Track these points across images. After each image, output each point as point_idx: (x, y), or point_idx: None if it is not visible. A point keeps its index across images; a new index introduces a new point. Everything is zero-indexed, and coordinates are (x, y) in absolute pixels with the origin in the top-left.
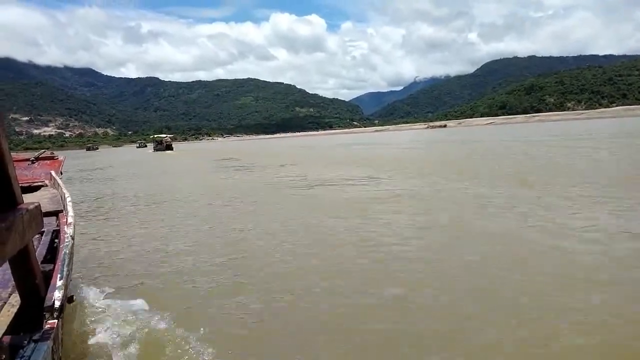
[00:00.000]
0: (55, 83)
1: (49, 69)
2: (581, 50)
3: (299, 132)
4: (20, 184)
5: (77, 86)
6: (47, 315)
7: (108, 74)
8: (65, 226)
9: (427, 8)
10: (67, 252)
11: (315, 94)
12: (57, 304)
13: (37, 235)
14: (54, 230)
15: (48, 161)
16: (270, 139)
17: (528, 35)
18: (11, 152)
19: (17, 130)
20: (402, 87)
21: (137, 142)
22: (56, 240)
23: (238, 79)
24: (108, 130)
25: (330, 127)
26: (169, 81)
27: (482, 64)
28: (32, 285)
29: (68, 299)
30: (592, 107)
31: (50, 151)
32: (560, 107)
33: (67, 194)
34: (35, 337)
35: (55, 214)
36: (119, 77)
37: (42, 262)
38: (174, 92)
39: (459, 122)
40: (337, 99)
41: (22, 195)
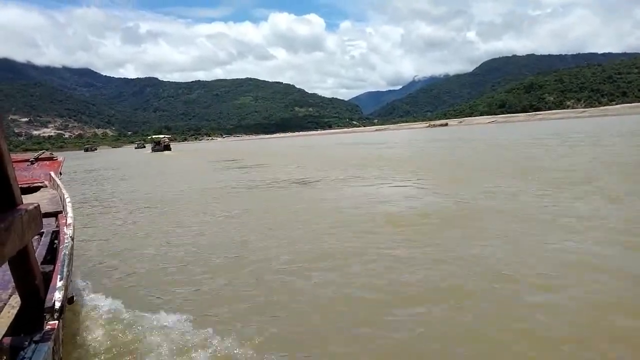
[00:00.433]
0: (54, 84)
1: (48, 70)
2: (580, 49)
3: (299, 131)
4: (19, 185)
5: (76, 87)
6: (48, 316)
7: (107, 75)
8: (65, 227)
9: (425, 7)
10: (67, 252)
11: (314, 93)
12: (57, 305)
13: (36, 236)
14: (53, 231)
15: (47, 162)
16: (270, 139)
17: (527, 33)
18: (10, 153)
19: (17, 131)
20: (401, 87)
21: (135, 142)
22: (56, 241)
23: (237, 79)
24: (107, 130)
25: (330, 126)
26: (168, 81)
27: (481, 63)
28: (32, 286)
29: (68, 300)
30: (592, 105)
31: (50, 152)
32: (559, 105)
33: (66, 195)
34: (36, 338)
35: (54, 214)
36: (118, 78)
37: (41, 263)
38: (173, 92)
39: (459, 121)
40: (336, 98)
41: (22, 196)
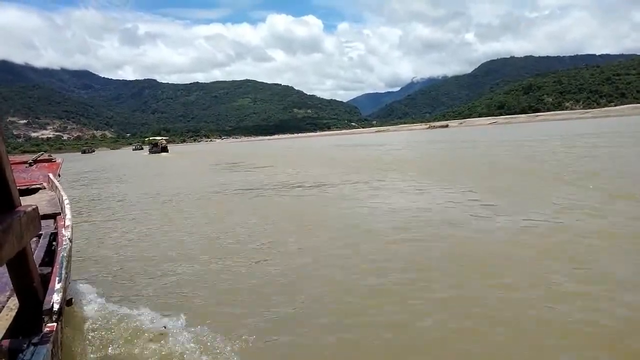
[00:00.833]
0: (52, 85)
1: (46, 72)
2: (578, 50)
3: (298, 133)
4: (17, 187)
5: (75, 88)
6: (46, 319)
7: (105, 76)
8: (63, 229)
9: (423, 9)
10: (65, 255)
11: (312, 95)
12: (55, 307)
13: (34, 238)
14: (51, 233)
15: (46, 164)
16: (269, 140)
17: (524, 35)
18: (9, 155)
19: (15, 133)
20: (399, 88)
21: (133, 144)
22: (54, 243)
23: (235, 81)
24: (106, 132)
25: (329, 128)
26: (167, 83)
27: (479, 64)
28: (31, 288)
29: (67, 302)
30: (591, 107)
31: (48, 154)
32: (558, 106)
33: (65, 197)
34: (35, 340)
35: (53, 216)
36: (116, 80)
37: (40, 265)
38: (171, 94)
39: (460, 122)
40: (334, 100)
41: (20, 197)
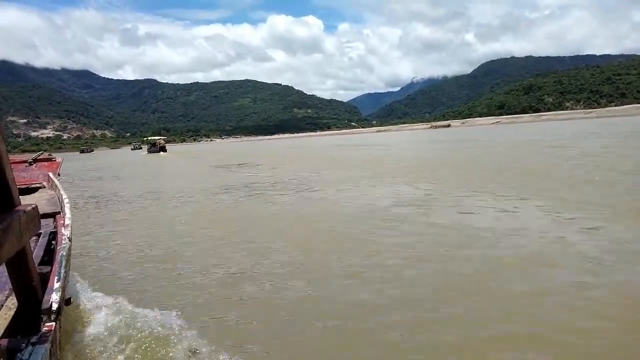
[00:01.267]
0: (52, 85)
1: (46, 72)
2: (578, 50)
3: (298, 133)
4: (17, 186)
5: (75, 88)
6: (45, 318)
7: (105, 76)
8: (63, 228)
9: (423, 9)
10: (65, 254)
11: (312, 95)
12: (54, 307)
13: (34, 237)
14: (51, 232)
15: (46, 163)
16: (269, 140)
17: (524, 35)
18: (9, 154)
19: (15, 132)
20: (399, 88)
21: (132, 144)
22: (53, 242)
23: (236, 81)
24: (106, 132)
25: (328, 128)
26: (167, 83)
27: (479, 65)
28: (30, 287)
29: (65, 302)
30: (591, 107)
31: (48, 153)
32: (559, 106)
33: (64, 196)
34: (33, 340)
35: (52, 215)
36: (116, 79)
37: (39, 264)
38: (171, 93)
39: (462, 122)
40: (334, 99)
41: (20, 196)
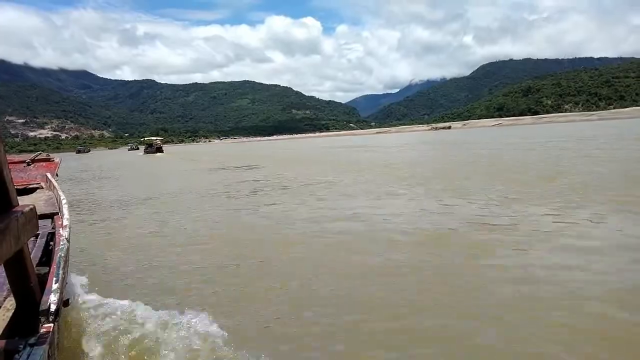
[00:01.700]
0: (50, 85)
1: (45, 72)
2: (576, 53)
3: (297, 134)
4: (15, 186)
5: (73, 88)
6: (43, 319)
7: (103, 76)
8: (61, 229)
9: (421, 11)
10: (63, 255)
11: (311, 96)
12: (52, 308)
13: (32, 238)
14: (49, 232)
15: (44, 163)
16: (268, 141)
17: (523, 38)
18: (6, 154)
19: (13, 132)
20: (398, 90)
21: (129, 144)
22: (51, 242)
23: (234, 82)
24: (104, 132)
25: (327, 129)
26: (165, 83)
27: (477, 67)
28: (28, 288)
29: (64, 303)
30: (590, 109)
31: (46, 153)
32: (557, 109)
33: (62, 196)
34: (31, 341)
35: (50, 216)
36: (114, 80)
37: (37, 265)
38: (170, 94)
39: (463, 124)
40: (333, 101)
41: (18, 197)
